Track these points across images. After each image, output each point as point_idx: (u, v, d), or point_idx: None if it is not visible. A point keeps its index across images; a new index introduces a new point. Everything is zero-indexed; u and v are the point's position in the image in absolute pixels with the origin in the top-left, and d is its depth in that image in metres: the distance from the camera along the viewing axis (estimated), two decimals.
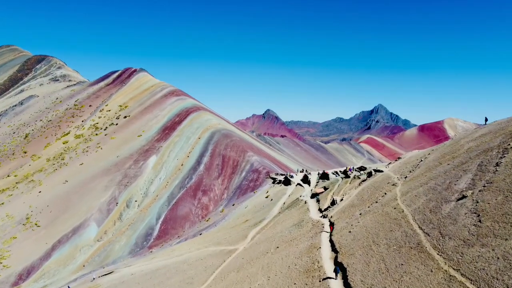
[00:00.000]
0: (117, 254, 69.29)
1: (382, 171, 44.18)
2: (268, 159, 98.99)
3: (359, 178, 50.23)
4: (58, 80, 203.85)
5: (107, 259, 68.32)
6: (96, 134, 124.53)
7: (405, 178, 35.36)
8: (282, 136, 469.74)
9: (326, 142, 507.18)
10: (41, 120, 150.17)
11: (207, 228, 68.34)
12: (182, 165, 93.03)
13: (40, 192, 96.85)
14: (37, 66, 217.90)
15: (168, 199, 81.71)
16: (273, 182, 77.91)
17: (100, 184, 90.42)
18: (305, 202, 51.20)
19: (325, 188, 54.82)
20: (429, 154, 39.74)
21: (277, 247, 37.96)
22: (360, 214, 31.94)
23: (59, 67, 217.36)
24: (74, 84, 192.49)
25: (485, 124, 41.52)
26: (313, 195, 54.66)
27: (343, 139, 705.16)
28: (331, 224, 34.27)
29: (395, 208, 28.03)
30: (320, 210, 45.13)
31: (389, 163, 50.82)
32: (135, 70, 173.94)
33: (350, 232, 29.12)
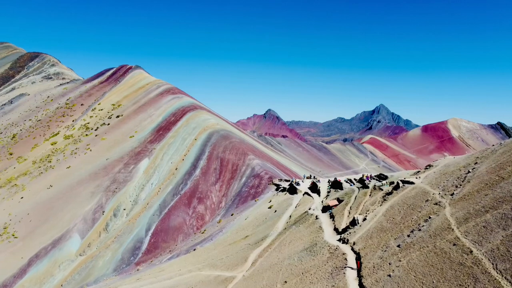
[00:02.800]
0: (100, 271, 61.25)
1: (412, 183, 36.05)
2: (271, 163, 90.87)
3: (381, 189, 42.11)
4: (51, 78, 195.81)
5: (89, 277, 60.29)
6: (86, 134, 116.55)
7: (452, 196, 27.33)
8: (284, 137, 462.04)
9: (327, 142, 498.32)
10: (30, 119, 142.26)
11: (202, 242, 60.30)
12: (176, 169, 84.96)
13: (22, 198, 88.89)
14: (30, 64, 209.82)
15: (160, 207, 73.63)
16: (277, 189, 69.89)
17: (86, 190, 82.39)
18: (316, 218, 43.09)
19: (339, 200, 46.71)
20: (476, 163, 31.61)
21: (285, 282, 29.94)
22: (399, 246, 23.92)
23: (52, 65, 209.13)
24: (68, 82, 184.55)
25: None
26: (325, 208, 46.59)
27: (345, 139, 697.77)
28: (358, 258, 26.27)
29: (455, 245, 20.00)
30: (336, 230, 37.03)
31: (418, 171, 42.67)
32: (130, 68, 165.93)
33: (390, 276, 21.10)
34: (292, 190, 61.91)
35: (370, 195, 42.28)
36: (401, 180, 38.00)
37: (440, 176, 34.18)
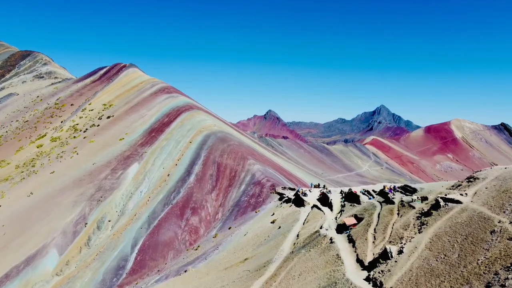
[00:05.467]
0: None
1: (459, 202, 28.03)
2: (273, 168, 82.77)
3: (411, 206, 34.02)
4: (42, 77, 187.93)
5: None
6: (74, 137, 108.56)
7: None
8: (284, 138, 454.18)
9: (328, 143, 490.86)
10: (17, 120, 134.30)
11: (195, 262, 52.27)
12: (168, 175, 76.89)
13: (0, 206, 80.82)
14: (21, 62, 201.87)
15: (149, 219, 65.54)
16: (280, 199, 61.85)
17: (69, 199, 74.38)
18: (331, 241, 34.97)
19: (358, 218, 38.64)
20: None
21: None
22: None
23: (44, 64, 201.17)
24: (60, 82, 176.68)
25: None
26: (341, 228, 38.51)
27: (346, 140, 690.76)
28: None
29: None
30: (360, 262, 28.98)
31: (458, 184, 34.53)
32: (124, 66, 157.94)
33: None
34: (299, 201, 53.87)
35: (398, 215, 34.22)
36: (441, 198, 29.94)
37: (498, 195, 26.15)
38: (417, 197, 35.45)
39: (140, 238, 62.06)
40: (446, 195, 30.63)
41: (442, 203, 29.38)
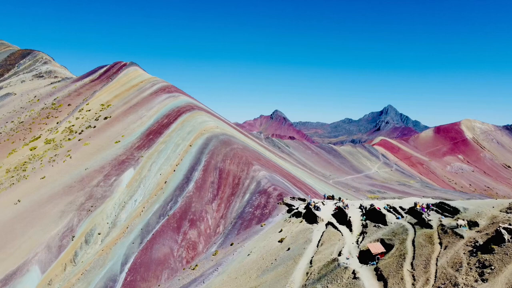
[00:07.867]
0: None
1: None
2: (280, 174, 75.67)
3: (458, 235, 26.77)
4: (42, 76, 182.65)
5: None
6: (69, 139, 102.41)
7: None
8: (291, 138, 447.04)
9: (335, 144, 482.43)
10: (12, 121, 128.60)
11: (191, 285, 45.60)
12: (165, 182, 70.19)
13: None
14: (21, 61, 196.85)
15: (142, 233, 58.87)
16: (289, 211, 54.87)
17: (56, 208, 68.03)
18: (355, 275, 27.88)
19: (386, 245, 31.45)
20: None
21: None
22: None
23: (45, 62, 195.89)
24: (59, 81, 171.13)
25: None
26: (364, 255, 31.42)
27: (353, 141, 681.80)
28: None
29: None
30: None
31: None
32: (125, 64, 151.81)
33: None
34: (310, 216, 46.79)
35: (440, 244, 26.99)
36: (504, 228, 22.70)
37: None
38: (464, 221, 28.21)
39: (131, 254, 55.38)
40: (510, 224, 23.40)
41: (506, 236, 22.18)
